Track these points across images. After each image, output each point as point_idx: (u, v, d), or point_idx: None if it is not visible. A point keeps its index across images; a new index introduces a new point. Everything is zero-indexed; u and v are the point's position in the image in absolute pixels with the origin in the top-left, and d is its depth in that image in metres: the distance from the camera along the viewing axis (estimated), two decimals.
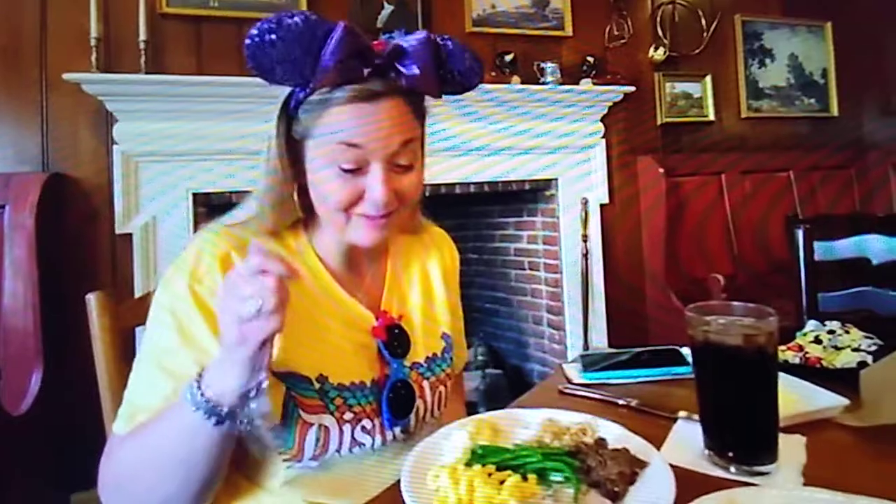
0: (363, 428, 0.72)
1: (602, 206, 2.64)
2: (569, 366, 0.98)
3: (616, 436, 0.64)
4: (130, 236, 1.89)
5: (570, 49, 2.61)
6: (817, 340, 0.93)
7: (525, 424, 0.69)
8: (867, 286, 1.46)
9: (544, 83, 2.44)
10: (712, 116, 2.92)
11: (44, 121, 1.86)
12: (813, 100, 3.21)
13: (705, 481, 0.60)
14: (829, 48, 3.22)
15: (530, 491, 0.54)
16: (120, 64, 1.91)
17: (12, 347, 1.67)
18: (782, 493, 0.55)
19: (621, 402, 0.82)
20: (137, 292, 1.84)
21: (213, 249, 0.69)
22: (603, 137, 2.62)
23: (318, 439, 0.68)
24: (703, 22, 2.90)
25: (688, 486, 0.55)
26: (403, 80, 0.67)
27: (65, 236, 1.85)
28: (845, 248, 1.48)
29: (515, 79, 2.38)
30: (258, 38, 0.62)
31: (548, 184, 2.57)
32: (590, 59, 2.56)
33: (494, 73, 2.39)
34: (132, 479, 0.63)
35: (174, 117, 1.91)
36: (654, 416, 0.77)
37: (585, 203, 2.59)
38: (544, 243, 2.67)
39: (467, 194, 2.43)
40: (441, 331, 0.85)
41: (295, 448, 0.68)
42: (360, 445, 0.72)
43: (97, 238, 1.90)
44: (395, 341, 0.77)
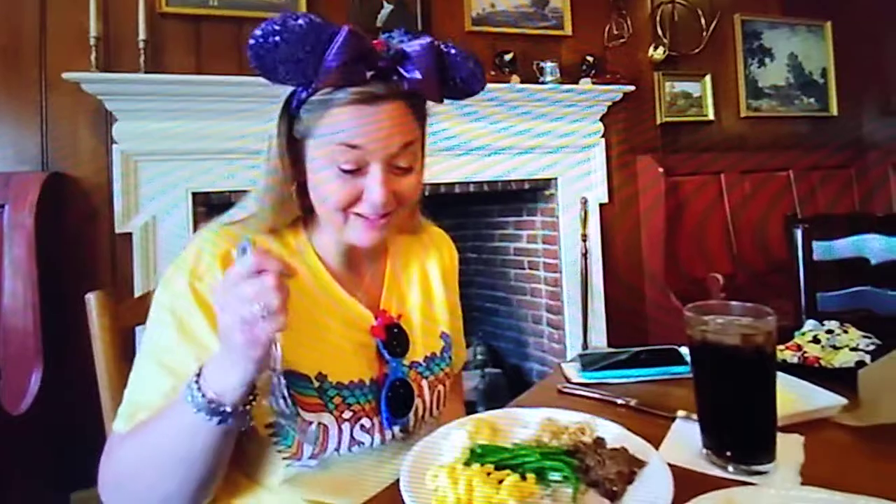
0: (362, 427, 0.72)
1: (601, 206, 2.64)
2: (568, 365, 0.98)
3: (614, 435, 0.65)
4: (130, 236, 1.89)
5: (569, 48, 2.61)
6: (816, 340, 0.94)
7: (524, 424, 0.69)
8: (866, 286, 1.47)
9: (544, 83, 2.44)
10: (712, 116, 2.92)
11: (43, 120, 1.86)
12: (812, 99, 3.21)
13: (703, 480, 0.60)
14: (829, 48, 3.23)
15: (529, 490, 0.54)
16: (119, 63, 1.91)
17: (12, 347, 1.67)
18: (780, 492, 0.55)
19: (620, 401, 0.82)
20: (137, 292, 1.84)
21: (212, 248, 0.70)
22: (602, 137, 2.62)
23: (316, 438, 0.68)
24: (703, 21, 2.90)
25: (686, 485, 0.55)
26: (405, 84, 0.68)
27: (64, 236, 1.85)
28: (844, 248, 1.48)
29: (515, 78, 2.38)
30: (262, 39, 0.62)
31: (547, 183, 2.57)
32: (589, 59, 2.56)
33: (494, 73, 2.39)
34: (132, 477, 0.63)
35: (174, 117, 1.91)
36: (653, 415, 0.77)
37: (585, 203, 2.59)
38: (544, 243, 2.67)
39: (467, 194, 2.43)
40: (440, 330, 0.85)
41: (294, 447, 0.68)
42: (359, 444, 0.72)
43: (97, 237, 1.90)
44: (394, 340, 0.77)
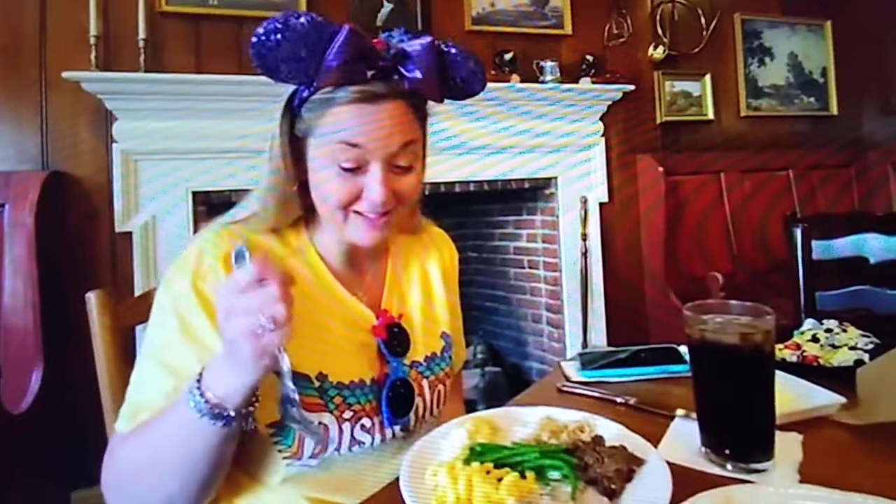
0: (363, 426, 0.72)
1: (601, 205, 2.64)
2: (567, 364, 0.98)
3: (614, 433, 0.65)
4: (130, 235, 1.89)
5: (569, 48, 2.61)
6: (815, 339, 0.94)
7: (523, 422, 0.69)
8: (865, 285, 1.47)
9: (544, 82, 2.44)
10: (711, 115, 2.92)
11: (43, 119, 1.86)
12: (812, 99, 3.21)
13: (702, 479, 0.60)
14: (829, 47, 3.22)
15: (528, 488, 0.55)
16: (119, 62, 1.91)
17: (12, 346, 1.67)
18: (778, 490, 0.55)
19: (619, 400, 0.82)
20: (137, 291, 1.84)
21: (214, 248, 0.70)
22: (602, 136, 2.62)
23: (319, 435, 0.68)
24: (703, 20, 2.90)
25: (685, 483, 0.55)
26: (406, 84, 0.68)
27: (65, 235, 1.85)
28: (843, 247, 1.48)
29: (515, 77, 2.38)
30: (264, 37, 0.63)
31: (547, 183, 2.58)
32: (589, 58, 2.56)
33: (494, 72, 2.38)
34: (134, 477, 0.63)
35: (174, 116, 1.91)
36: (652, 413, 0.77)
37: (585, 202, 2.59)
38: (544, 242, 2.67)
39: (467, 193, 2.43)
40: (440, 330, 0.85)
41: (294, 446, 0.68)
42: (360, 444, 0.72)
43: (97, 237, 1.90)
44: (395, 340, 0.77)
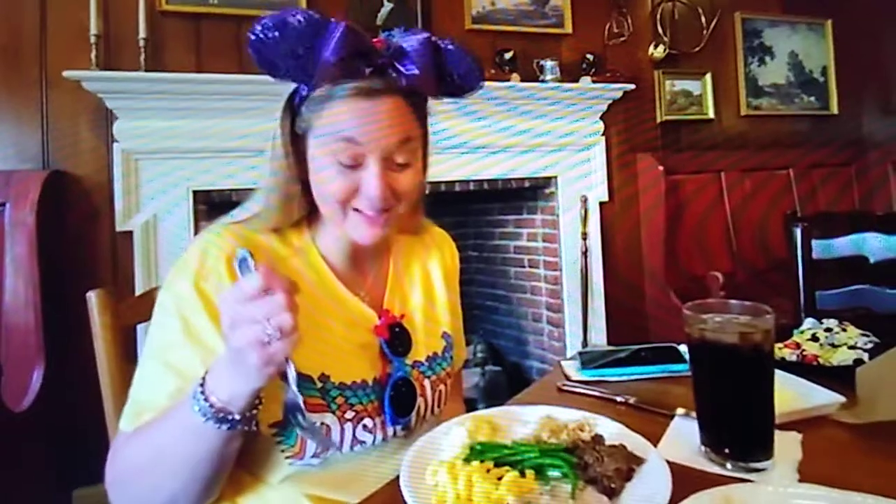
0: (364, 426, 0.72)
1: (602, 204, 2.64)
2: (567, 363, 0.98)
3: (613, 432, 0.65)
4: (131, 234, 1.90)
5: (569, 47, 2.61)
6: (814, 338, 0.94)
7: (523, 421, 0.69)
8: (865, 284, 1.47)
9: (544, 81, 2.44)
10: (712, 114, 2.92)
11: (44, 118, 1.86)
12: (813, 98, 3.21)
13: (702, 478, 0.60)
14: (829, 46, 3.22)
15: (528, 487, 0.55)
16: (120, 61, 1.91)
17: (14, 345, 1.68)
18: (778, 489, 0.55)
19: (619, 399, 0.82)
20: (138, 290, 1.84)
21: (216, 250, 0.69)
22: (602, 135, 2.62)
23: (321, 437, 0.69)
24: (703, 19, 2.89)
25: (684, 482, 0.55)
26: (403, 80, 0.68)
27: (65, 234, 1.86)
28: (843, 247, 1.48)
29: (515, 77, 2.38)
30: (262, 35, 0.63)
31: (547, 182, 2.58)
32: (589, 57, 2.56)
33: (494, 71, 2.39)
34: (137, 476, 0.63)
35: (174, 115, 1.91)
36: (652, 413, 0.78)
37: (585, 201, 2.59)
38: (544, 241, 2.68)
39: (467, 192, 2.43)
40: (442, 330, 0.85)
41: (297, 446, 0.68)
42: (361, 444, 0.72)
43: (98, 236, 1.90)
44: (397, 340, 0.77)
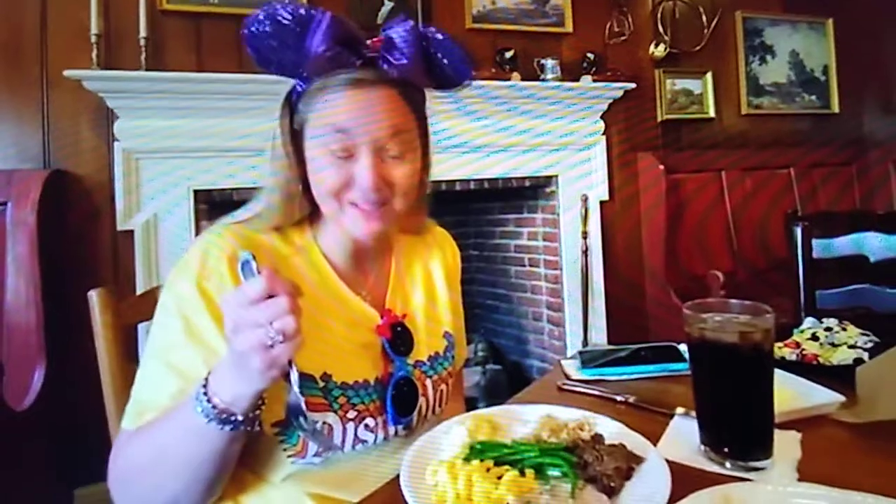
0: (366, 426, 0.72)
1: (602, 203, 2.64)
2: (567, 362, 0.98)
3: (613, 432, 0.65)
4: (132, 233, 1.90)
5: (570, 46, 2.61)
6: (814, 337, 0.94)
7: (523, 420, 0.70)
8: (865, 284, 1.47)
9: (544, 80, 2.43)
10: (712, 113, 2.92)
11: (45, 118, 1.86)
12: (814, 97, 3.21)
13: (701, 477, 0.60)
14: (830, 45, 3.22)
15: (528, 486, 0.55)
16: (120, 61, 1.91)
17: (15, 344, 1.68)
18: (777, 488, 0.55)
19: (619, 398, 0.82)
20: (139, 289, 1.85)
21: (218, 250, 0.69)
22: (603, 134, 2.62)
23: (324, 434, 0.69)
24: (704, 18, 2.89)
25: (684, 481, 0.55)
26: (395, 71, 0.69)
27: (66, 233, 1.86)
28: (844, 246, 1.48)
29: (515, 76, 2.38)
30: (254, 30, 0.65)
31: (548, 181, 2.58)
32: (590, 56, 2.56)
33: (494, 70, 2.39)
34: (139, 476, 0.64)
35: (175, 114, 1.91)
36: (652, 412, 0.78)
37: (585, 200, 2.59)
38: (544, 240, 2.68)
39: (468, 191, 2.43)
40: (443, 330, 0.86)
41: (299, 445, 0.69)
42: (363, 443, 0.72)
43: (99, 235, 1.91)
44: (399, 340, 0.77)
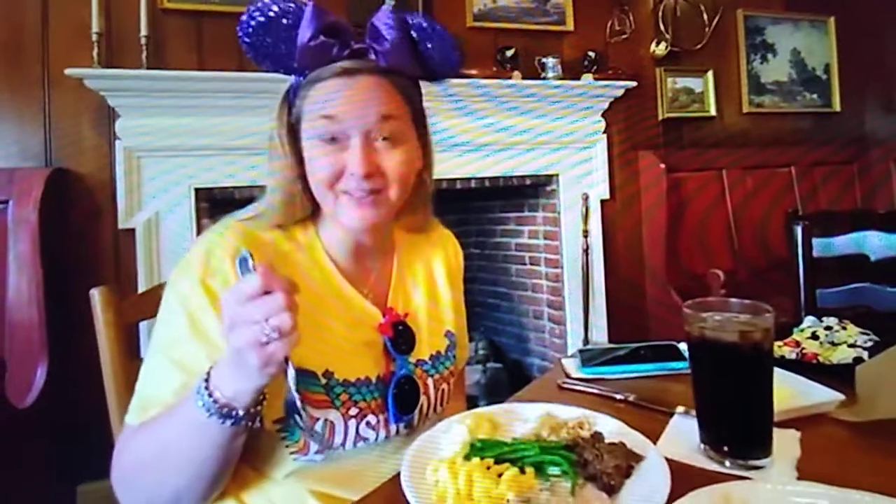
0: (368, 423, 0.73)
1: (603, 202, 2.64)
2: (567, 360, 0.98)
3: (613, 430, 0.65)
4: (133, 232, 1.90)
5: (571, 44, 2.60)
6: (814, 336, 0.94)
7: (523, 419, 0.70)
8: (865, 283, 1.47)
9: (545, 78, 2.43)
10: (714, 112, 2.91)
11: (46, 116, 1.87)
12: (815, 95, 3.20)
13: (701, 475, 0.60)
14: (832, 43, 3.21)
15: (528, 484, 0.55)
16: (121, 59, 1.91)
17: (17, 341, 1.68)
18: (776, 486, 0.55)
19: (619, 396, 0.83)
20: (141, 287, 1.85)
21: (221, 248, 0.70)
22: (604, 133, 2.62)
23: (323, 434, 0.69)
24: (705, 17, 2.89)
25: (683, 479, 0.56)
26: (382, 60, 0.70)
27: (68, 231, 1.86)
28: (844, 245, 1.48)
29: (516, 74, 2.38)
30: (247, 27, 0.68)
31: (549, 180, 2.57)
32: (591, 55, 2.55)
33: (495, 69, 2.38)
34: (142, 472, 0.64)
35: (176, 113, 1.92)
36: (652, 410, 0.78)
37: (586, 199, 2.59)
38: (545, 239, 2.68)
39: (468, 190, 2.43)
40: (445, 329, 0.86)
41: (301, 442, 0.69)
42: (365, 440, 0.73)
43: (100, 233, 1.91)
44: (401, 338, 0.78)
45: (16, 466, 1.45)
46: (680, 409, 0.75)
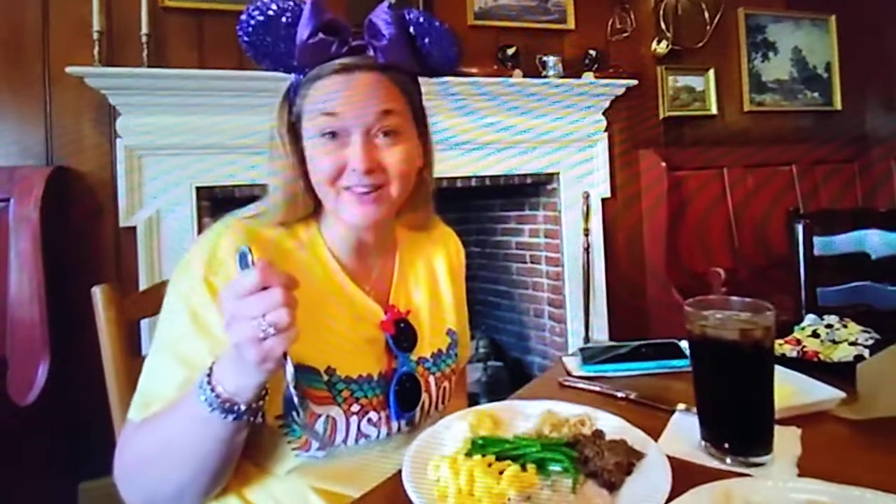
0: (369, 420, 0.73)
1: (604, 201, 2.64)
2: (569, 358, 0.98)
3: (614, 427, 0.65)
4: (134, 230, 1.90)
5: (572, 42, 2.60)
6: (815, 334, 0.94)
7: (525, 416, 0.70)
8: (866, 281, 1.47)
9: (546, 77, 2.43)
10: (715, 110, 2.91)
11: (47, 115, 1.87)
12: (816, 94, 3.20)
13: (701, 472, 0.60)
14: (833, 42, 3.21)
15: (529, 481, 0.55)
16: (122, 58, 1.91)
17: (19, 339, 1.69)
18: (777, 484, 0.55)
19: (620, 394, 0.83)
20: (142, 285, 1.85)
21: (226, 243, 0.70)
22: (605, 132, 2.62)
23: (325, 430, 0.69)
24: (707, 15, 2.88)
25: (684, 476, 0.56)
26: (381, 56, 0.71)
27: (69, 230, 1.86)
28: (845, 243, 1.48)
29: (517, 72, 2.37)
30: (246, 26, 0.68)
31: (550, 178, 2.57)
32: (592, 53, 2.55)
33: (496, 67, 2.38)
34: (145, 467, 0.64)
35: (177, 111, 1.92)
36: (653, 408, 0.78)
37: (587, 197, 2.59)
38: (546, 237, 2.68)
39: (469, 188, 2.43)
40: (447, 327, 0.86)
41: (303, 438, 0.69)
42: (366, 437, 0.73)
43: (101, 232, 1.91)
44: (403, 336, 0.78)
45: (17, 464, 1.46)
46: (681, 406, 0.75)
